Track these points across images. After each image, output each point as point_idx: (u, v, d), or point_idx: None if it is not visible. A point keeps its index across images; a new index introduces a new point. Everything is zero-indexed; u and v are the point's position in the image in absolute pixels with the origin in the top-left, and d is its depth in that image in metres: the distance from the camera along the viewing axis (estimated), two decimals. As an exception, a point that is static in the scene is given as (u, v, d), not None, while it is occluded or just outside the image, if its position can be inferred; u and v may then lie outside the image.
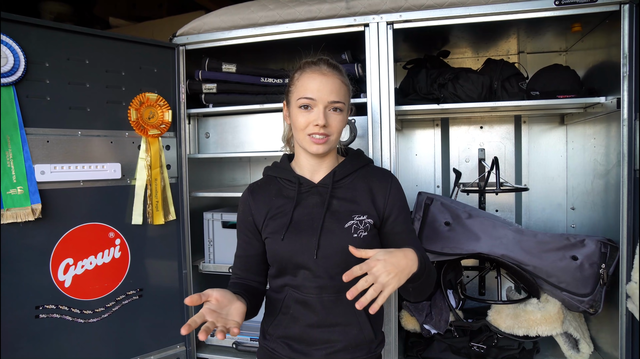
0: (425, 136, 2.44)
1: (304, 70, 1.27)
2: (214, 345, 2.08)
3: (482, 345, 1.82)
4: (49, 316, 1.64)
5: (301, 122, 1.24)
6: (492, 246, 1.75)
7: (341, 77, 1.27)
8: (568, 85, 1.85)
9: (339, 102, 1.24)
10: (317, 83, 1.22)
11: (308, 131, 1.24)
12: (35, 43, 1.61)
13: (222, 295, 1.11)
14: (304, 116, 1.24)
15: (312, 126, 1.23)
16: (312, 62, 1.28)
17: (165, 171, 1.91)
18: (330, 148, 1.28)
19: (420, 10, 1.71)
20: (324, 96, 1.22)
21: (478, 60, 2.33)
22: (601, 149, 1.82)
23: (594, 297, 1.66)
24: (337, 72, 1.27)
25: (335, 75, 1.25)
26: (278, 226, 1.28)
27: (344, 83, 1.28)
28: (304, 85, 1.24)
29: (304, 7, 1.81)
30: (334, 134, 1.26)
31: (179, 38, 1.97)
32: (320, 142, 1.24)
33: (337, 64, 1.30)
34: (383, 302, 1.05)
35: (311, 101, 1.23)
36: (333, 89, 1.23)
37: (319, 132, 1.22)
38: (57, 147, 1.66)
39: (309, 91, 1.23)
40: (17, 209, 1.55)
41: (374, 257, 1.08)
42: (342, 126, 1.28)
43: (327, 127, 1.23)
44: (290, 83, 1.31)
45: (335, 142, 1.29)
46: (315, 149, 1.25)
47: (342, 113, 1.26)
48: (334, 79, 1.24)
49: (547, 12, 1.62)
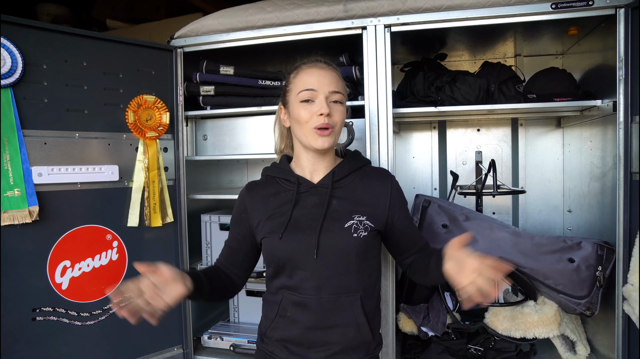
0: (422, 139, 2.45)
1: (301, 68, 1.30)
2: (211, 348, 2.08)
3: (479, 347, 1.83)
4: (46, 319, 1.64)
5: (304, 115, 1.25)
6: (489, 248, 1.75)
7: (337, 73, 1.31)
8: (565, 89, 1.86)
9: (338, 93, 1.27)
10: (315, 76, 1.26)
11: (312, 123, 1.24)
12: (33, 45, 1.60)
13: (171, 275, 1.10)
14: (306, 109, 1.25)
15: (317, 116, 1.24)
16: (308, 61, 1.32)
17: (163, 173, 1.91)
18: (333, 142, 1.29)
19: (417, 14, 1.71)
20: (324, 86, 1.25)
21: (475, 63, 2.34)
22: (597, 152, 1.83)
23: (591, 299, 1.67)
24: (332, 67, 1.31)
25: (332, 69, 1.30)
26: (276, 225, 1.28)
27: (340, 78, 1.31)
28: (302, 80, 1.27)
29: (302, 9, 1.81)
30: (337, 124, 1.28)
31: (176, 40, 1.97)
32: (325, 135, 1.24)
33: (332, 63, 1.34)
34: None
35: (312, 92, 1.25)
36: (332, 80, 1.27)
37: (324, 123, 1.23)
38: (54, 149, 1.66)
39: (309, 83, 1.25)
40: (14, 212, 1.55)
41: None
42: (343, 118, 1.30)
43: (331, 117, 1.25)
44: (287, 84, 1.33)
45: (338, 135, 1.31)
46: (320, 143, 1.25)
47: (342, 106, 1.29)
48: (332, 72, 1.29)
49: (544, 16, 1.63)
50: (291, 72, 1.34)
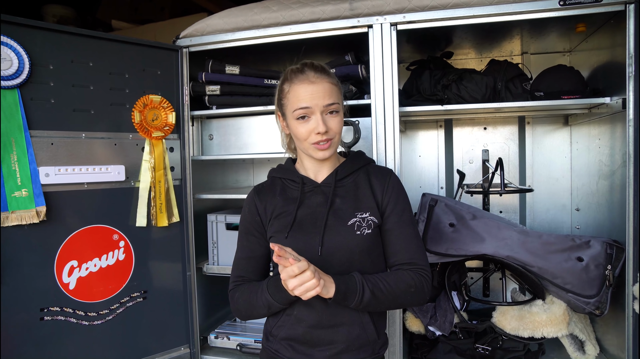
0: (428, 137, 2.44)
1: (292, 81, 1.27)
2: (217, 347, 2.08)
3: (487, 347, 1.82)
4: (54, 319, 1.64)
5: (302, 133, 1.26)
6: (497, 247, 1.74)
7: (329, 79, 1.28)
8: (572, 86, 1.85)
9: (333, 104, 1.26)
10: (308, 92, 1.24)
11: (311, 140, 1.26)
12: (39, 46, 1.61)
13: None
14: (303, 127, 1.25)
15: (314, 134, 1.24)
16: (298, 69, 1.28)
17: (169, 173, 1.91)
18: (334, 150, 1.31)
19: (423, 11, 1.71)
20: (318, 102, 1.23)
21: (481, 61, 2.32)
22: (606, 150, 1.81)
23: (600, 298, 1.65)
24: (324, 75, 1.27)
25: (323, 80, 1.26)
26: (282, 225, 1.29)
27: (334, 84, 1.28)
28: (296, 96, 1.25)
29: (308, 8, 1.81)
30: (336, 135, 1.28)
31: (182, 40, 1.97)
32: (324, 148, 1.26)
33: (322, 66, 1.30)
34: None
35: (307, 109, 1.24)
36: (325, 94, 1.24)
37: (322, 140, 1.24)
38: (61, 149, 1.66)
39: (302, 101, 1.24)
40: (22, 212, 1.55)
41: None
42: (341, 126, 1.30)
43: (328, 131, 1.25)
44: (281, 95, 1.31)
45: (338, 143, 1.32)
46: (321, 155, 1.28)
47: (338, 114, 1.28)
48: (323, 84, 1.25)
49: (551, 13, 1.62)
50: (282, 81, 1.31)
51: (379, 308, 1.24)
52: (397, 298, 1.22)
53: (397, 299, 1.23)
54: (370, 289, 1.18)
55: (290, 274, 1.07)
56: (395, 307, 1.29)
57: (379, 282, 1.21)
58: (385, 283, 1.21)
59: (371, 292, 1.18)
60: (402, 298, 1.23)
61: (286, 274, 1.07)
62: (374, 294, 1.18)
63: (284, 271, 1.08)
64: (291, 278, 1.07)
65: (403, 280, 1.23)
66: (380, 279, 1.21)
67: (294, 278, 1.07)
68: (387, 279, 1.22)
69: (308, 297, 1.09)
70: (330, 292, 1.13)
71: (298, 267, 1.06)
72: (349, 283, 1.17)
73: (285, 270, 1.07)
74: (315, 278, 1.07)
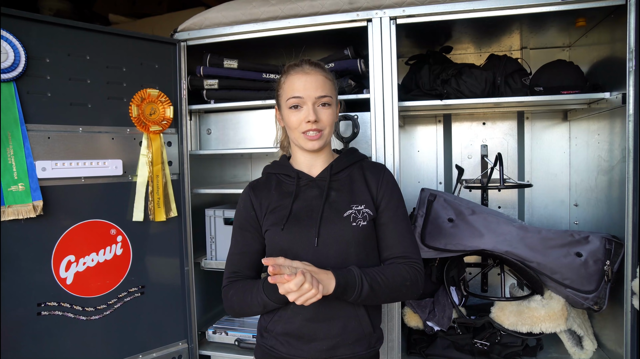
0: (427, 133, 2.43)
1: (289, 73, 1.32)
2: (216, 342, 2.07)
3: (485, 342, 1.82)
4: (51, 313, 1.63)
5: (293, 121, 1.30)
6: (496, 242, 1.74)
7: (324, 74, 1.32)
8: (572, 81, 1.84)
9: (325, 97, 1.29)
10: (302, 82, 1.28)
11: (301, 129, 1.29)
12: (36, 39, 1.59)
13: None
14: (295, 115, 1.29)
15: (305, 123, 1.28)
16: (295, 64, 1.34)
17: (167, 167, 1.90)
18: (324, 143, 1.33)
19: (423, 5, 1.70)
20: (310, 92, 1.28)
21: (481, 56, 2.32)
22: (605, 145, 1.81)
23: (599, 294, 1.66)
24: (319, 69, 1.32)
25: (318, 73, 1.31)
26: (278, 218, 1.31)
27: (328, 78, 1.33)
28: (290, 86, 1.30)
29: (307, 2, 1.79)
30: (326, 127, 1.31)
31: (180, 34, 1.95)
32: (314, 139, 1.29)
33: (319, 62, 1.34)
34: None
35: (299, 99, 1.28)
36: (318, 85, 1.29)
37: (311, 129, 1.28)
38: (58, 143, 1.65)
39: (296, 90, 1.28)
40: (19, 206, 1.54)
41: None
42: (333, 120, 1.33)
43: (319, 122, 1.28)
44: (278, 87, 1.37)
45: (329, 136, 1.35)
46: (310, 146, 1.30)
47: (330, 107, 1.31)
48: (317, 76, 1.30)
49: (552, 7, 1.61)
50: (281, 74, 1.37)
51: (376, 301, 1.26)
52: (393, 291, 1.24)
53: (393, 292, 1.24)
54: (368, 283, 1.19)
55: (288, 291, 1.08)
56: (391, 300, 1.31)
57: (377, 275, 1.22)
58: (383, 277, 1.22)
59: (369, 286, 1.19)
60: (398, 291, 1.25)
61: (284, 291, 1.08)
62: (372, 288, 1.20)
63: (281, 287, 1.09)
64: (290, 293, 1.08)
65: (399, 274, 1.25)
66: (378, 273, 1.23)
67: (293, 292, 1.08)
68: (384, 273, 1.23)
69: (309, 303, 1.10)
70: (330, 288, 1.14)
71: (295, 284, 1.06)
72: (348, 277, 1.18)
73: (283, 287, 1.08)
74: (313, 288, 1.08)
